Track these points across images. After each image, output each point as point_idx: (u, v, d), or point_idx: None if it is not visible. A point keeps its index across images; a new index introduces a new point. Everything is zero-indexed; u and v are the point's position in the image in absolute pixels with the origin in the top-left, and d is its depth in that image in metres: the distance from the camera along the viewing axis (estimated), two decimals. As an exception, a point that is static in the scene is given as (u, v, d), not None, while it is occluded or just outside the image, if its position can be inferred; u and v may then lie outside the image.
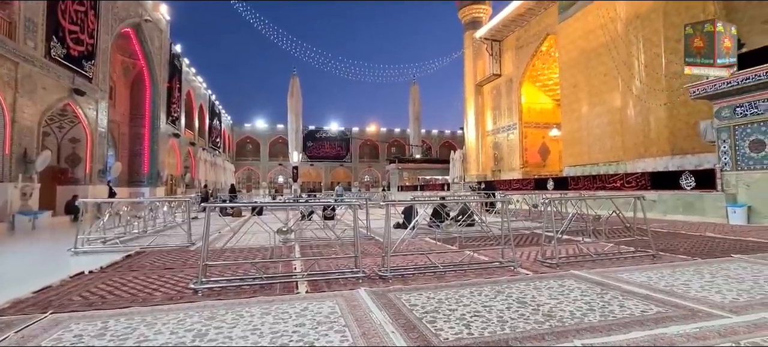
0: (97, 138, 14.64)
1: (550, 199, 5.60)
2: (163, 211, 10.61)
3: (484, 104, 30.77)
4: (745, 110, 9.67)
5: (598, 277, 3.94)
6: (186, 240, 6.90)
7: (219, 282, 3.94)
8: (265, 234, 6.46)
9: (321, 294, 3.51)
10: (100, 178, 14.89)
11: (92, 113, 14.37)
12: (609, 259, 4.94)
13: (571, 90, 19.85)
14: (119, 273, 4.55)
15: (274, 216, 7.32)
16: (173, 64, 23.88)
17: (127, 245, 6.80)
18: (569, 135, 20.12)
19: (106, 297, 3.51)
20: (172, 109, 23.52)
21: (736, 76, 9.57)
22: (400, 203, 9.11)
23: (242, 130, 53.70)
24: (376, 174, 55.91)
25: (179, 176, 26.78)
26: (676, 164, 13.25)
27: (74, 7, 13.05)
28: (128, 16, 17.57)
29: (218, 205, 5.67)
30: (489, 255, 5.25)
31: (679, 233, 7.65)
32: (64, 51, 12.54)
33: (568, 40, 19.94)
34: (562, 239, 6.22)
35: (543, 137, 26.63)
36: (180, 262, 5.26)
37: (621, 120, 16.58)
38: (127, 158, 20.53)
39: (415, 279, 4.04)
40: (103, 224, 7.34)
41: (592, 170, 17.42)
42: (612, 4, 16.84)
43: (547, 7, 23.14)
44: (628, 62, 15.73)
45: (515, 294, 3.37)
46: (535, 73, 26.35)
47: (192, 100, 30.51)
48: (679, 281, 3.77)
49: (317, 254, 5.77)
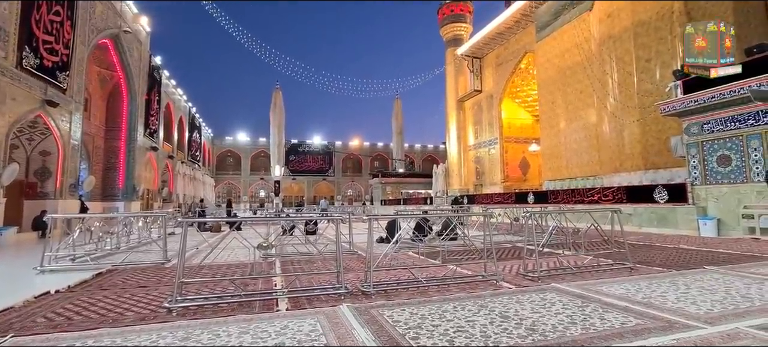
0: (70, 151, 14.11)
1: (530, 213, 5.69)
2: (138, 226, 10.23)
3: (465, 119, 31.30)
4: (712, 127, 10.14)
5: (579, 290, 3.99)
6: (161, 257, 6.65)
7: (195, 300, 3.79)
8: (245, 250, 6.30)
9: (302, 312, 3.42)
10: (72, 192, 14.30)
11: (65, 124, 13.86)
12: (588, 272, 5.02)
13: (549, 106, 20.43)
14: (88, 293, 4.33)
15: (254, 231, 7.16)
16: (152, 76, 23.42)
17: (99, 262, 6.51)
18: (548, 150, 20.62)
19: (72, 319, 3.33)
20: (150, 121, 22.98)
21: (702, 94, 10.06)
22: (383, 216, 9.07)
23: (223, 143, 52.86)
24: (359, 188, 55.73)
25: (156, 191, 26.01)
26: (649, 178, 13.72)
27: (50, 17, 12.69)
28: (107, 27, 17.19)
29: (195, 220, 5.51)
30: (472, 269, 5.25)
31: (654, 245, 7.87)
32: (37, 61, 12.13)
33: (545, 58, 20.61)
34: (543, 253, 6.29)
35: (523, 151, 27.21)
36: (154, 280, 5.05)
37: (597, 136, 17.13)
38: (102, 172, 19.84)
39: (398, 294, 4.00)
40: (73, 240, 7.01)
41: (570, 184, 17.85)
42: (586, 25, 17.57)
43: (525, 26, 23.95)
44: (603, 80, 16.35)
45: (498, 309, 3.37)
46: (515, 90, 27.05)
47: (171, 112, 29.92)
48: (655, 293, 3.85)
49: (299, 270, 5.65)
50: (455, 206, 17.80)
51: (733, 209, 9.52)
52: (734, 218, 9.48)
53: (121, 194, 19.96)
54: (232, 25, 32.21)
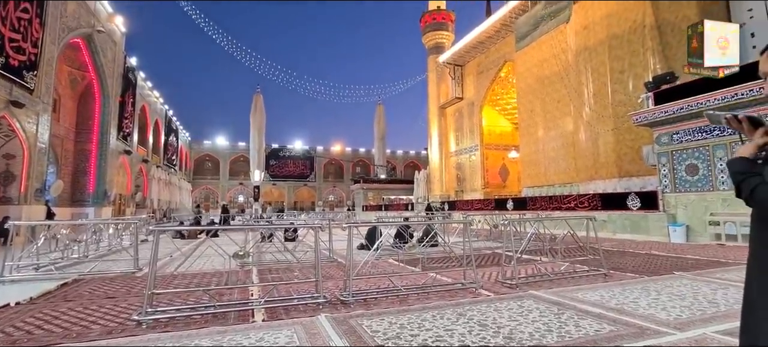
0: (36, 154, 13.46)
1: (509, 219, 5.76)
2: (109, 234, 9.84)
3: (447, 126, 31.64)
4: (681, 137, 10.57)
5: (555, 297, 4.05)
6: (132, 266, 6.40)
7: (167, 311, 3.66)
8: (220, 258, 6.14)
9: (278, 323, 3.34)
10: (37, 197, 13.62)
11: (31, 126, 13.23)
12: (565, 278, 5.11)
13: (528, 114, 20.89)
14: (52, 305, 4.12)
15: (229, 238, 6.99)
16: (127, 77, 22.69)
17: (64, 271, 6.20)
18: (527, 157, 21.05)
19: (33, 333, 3.14)
20: (124, 124, 22.21)
21: (671, 106, 10.49)
22: (363, 224, 9.02)
23: (201, 147, 51.61)
24: (340, 194, 55.38)
25: (129, 196, 25.12)
26: (623, 186, 14.17)
27: (17, 14, 12.14)
28: (79, 26, 16.57)
29: (170, 227, 5.33)
30: (451, 276, 5.27)
31: (627, 251, 8.11)
32: (2, 60, 11.56)
33: (524, 67, 21.09)
34: (522, 259, 6.38)
35: (503, 158, 27.68)
36: (124, 290, 4.85)
37: (573, 144, 17.60)
38: (71, 176, 19.00)
39: (377, 303, 3.96)
40: (37, 248, 6.67)
41: (548, 191, 18.25)
42: (564, 36, 18.09)
43: (504, 36, 24.48)
44: (579, 90, 16.84)
45: (477, 317, 3.38)
46: (495, 98, 27.56)
47: (147, 115, 29.02)
48: (628, 299, 3.95)
49: (276, 278, 5.54)
50: (429, 213, 17.88)
51: (700, 216, 9.92)
52: (702, 224, 9.87)
53: (92, 200, 19.15)
54: (211, 27, 31.65)
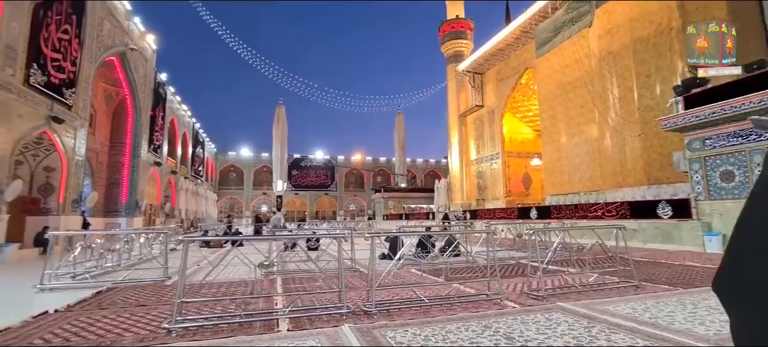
0: (74, 167, 14.18)
1: (534, 229, 5.64)
2: (140, 243, 10.20)
3: (467, 134, 31.40)
4: (714, 143, 10.11)
5: (585, 310, 3.92)
6: (162, 274, 6.61)
7: (195, 320, 3.75)
8: (245, 267, 6.26)
9: (303, 332, 3.37)
10: (74, 208, 14.31)
11: (70, 141, 13.97)
12: (594, 290, 4.94)
13: (550, 121, 20.49)
14: (87, 312, 4.30)
15: (254, 248, 7.12)
16: (158, 92, 23.69)
17: (99, 280, 6.47)
18: (550, 165, 20.60)
19: (70, 340, 3.29)
20: (154, 137, 23.14)
21: (703, 110, 10.06)
22: (384, 232, 9.02)
23: (226, 158, 53.08)
24: (361, 203, 55.60)
25: (159, 206, 26.03)
26: (652, 193, 13.64)
27: (58, 35, 12.93)
28: (114, 45, 17.48)
29: (198, 237, 5.49)
30: (475, 287, 5.18)
31: (659, 262, 7.77)
32: (45, 78, 12.30)
33: (545, 73, 20.76)
34: (548, 270, 6.22)
35: (525, 166, 27.18)
36: (154, 299, 5.01)
37: (599, 151, 17.12)
38: (105, 187, 19.89)
39: (400, 314, 3.94)
40: (74, 257, 6.99)
41: (573, 199, 17.76)
42: (586, 41, 17.74)
43: (525, 42, 24.21)
44: (603, 95, 16.42)
45: (503, 329, 3.31)
46: (516, 105, 27.19)
47: (176, 128, 30.14)
48: (662, 312, 3.78)
49: (300, 288, 5.60)
50: (446, 223, 17.73)
51: (738, 225, 9.40)
52: (740, 234, 9.35)
53: (124, 210, 19.97)
54: (236, 42, 32.73)
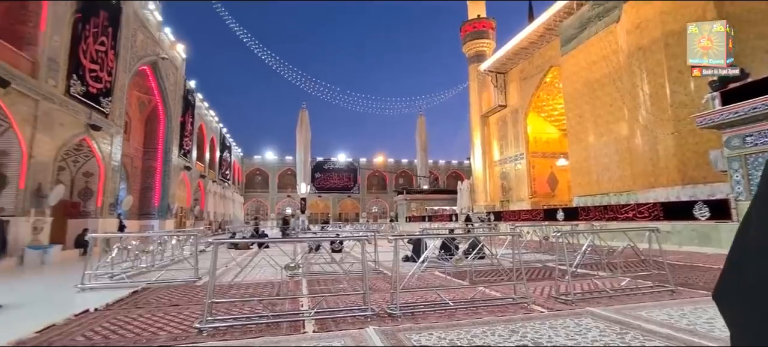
0: (110, 172, 14.91)
1: (561, 231, 5.50)
2: (172, 244, 10.59)
3: (490, 135, 30.94)
4: (755, 140, 9.55)
5: (617, 315, 3.79)
6: (193, 275, 6.84)
7: (225, 320, 3.87)
8: (272, 269, 6.40)
9: (328, 334, 3.42)
10: (111, 211, 15.03)
11: (107, 147, 14.70)
12: (626, 295, 4.77)
13: (577, 120, 19.92)
14: (124, 311, 4.50)
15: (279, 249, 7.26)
16: (187, 99, 24.59)
17: (134, 280, 6.76)
18: (577, 165, 20.01)
19: (109, 338, 3.46)
20: (184, 142, 24.02)
21: (743, 106, 9.52)
22: (408, 234, 9.01)
23: (252, 162, 54.43)
24: (383, 205, 55.72)
25: (189, 209, 26.95)
26: (687, 193, 13.01)
27: (95, 47, 13.64)
28: (146, 55, 18.28)
29: (226, 240, 5.65)
30: (501, 291, 5.10)
31: (696, 266, 7.41)
32: (83, 88, 13.00)
33: (571, 71, 20.20)
34: (576, 274, 6.05)
35: (551, 166, 26.52)
36: (186, 299, 5.19)
37: (628, 150, 16.49)
38: (139, 191, 20.78)
39: (425, 317, 3.93)
40: (111, 259, 7.34)
41: (602, 200, 17.18)
42: (614, 37, 17.16)
43: (549, 40, 23.65)
44: (633, 92, 15.82)
45: (530, 334, 3.25)
46: (540, 104, 26.59)
47: (204, 133, 31.18)
48: (701, 319, 3.61)
49: (325, 289, 5.67)
50: (468, 225, 17.52)
51: (784, 227, 8.85)
52: (786, 236, 8.80)
53: (157, 213, 20.80)
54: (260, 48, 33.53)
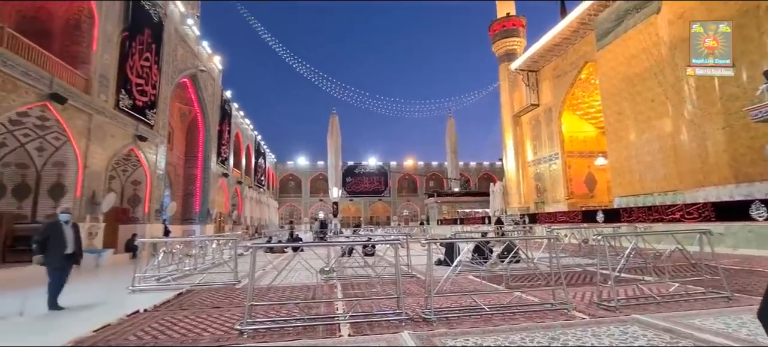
0: (156, 180, 15.80)
1: (602, 233, 5.27)
2: (212, 248, 11.07)
3: (523, 135, 30.12)
4: (822, 132, 8.75)
5: (666, 323, 3.58)
6: (233, 278, 7.12)
7: (264, 323, 4.00)
8: (307, 272, 6.54)
9: (364, 338, 3.45)
10: (157, 217, 15.91)
11: (152, 156, 15.60)
12: (675, 301, 4.49)
13: (616, 117, 19.01)
14: (170, 312, 4.75)
15: (313, 253, 7.42)
16: (224, 108, 25.66)
17: (179, 283, 7.12)
18: (617, 164, 19.07)
19: (158, 338, 3.66)
20: (222, 150, 25.06)
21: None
22: (440, 238, 8.93)
23: (285, 168, 55.92)
24: (414, 208, 55.54)
25: (227, 214, 28.04)
26: (742, 192, 12.08)
27: (141, 62, 14.56)
28: (186, 68, 19.28)
29: (264, 244, 5.84)
30: (539, 296, 4.95)
31: (755, 270, 6.86)
32: (131, 102, 13.90)
33: (608, 66, 19.32)
34: (620, 278, 5.76)
35: (588, 166, 25.43)
36: (226, 301, 5.40)
37: (673, 147, 15.54)
38: (182, 198, 21.88)
39: (460, 322, 3.88)
40: (158, 262, 7.77)
41: (645, 201, 16.28)
42: (654, 28, 16.27)
43: (583, 35, 22.75)
44: (677, 86, 14.91)
45: (572, 342, 3.13)
46: (575, 102, 25.59)
47: (240, 141, 32.39)
48: (762, 328, 3.34)
49: (359, 293, 5.72)
50: (499, 227, 17.09)
51: None
52: None
53: (197, 218, 21.81)
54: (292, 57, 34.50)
